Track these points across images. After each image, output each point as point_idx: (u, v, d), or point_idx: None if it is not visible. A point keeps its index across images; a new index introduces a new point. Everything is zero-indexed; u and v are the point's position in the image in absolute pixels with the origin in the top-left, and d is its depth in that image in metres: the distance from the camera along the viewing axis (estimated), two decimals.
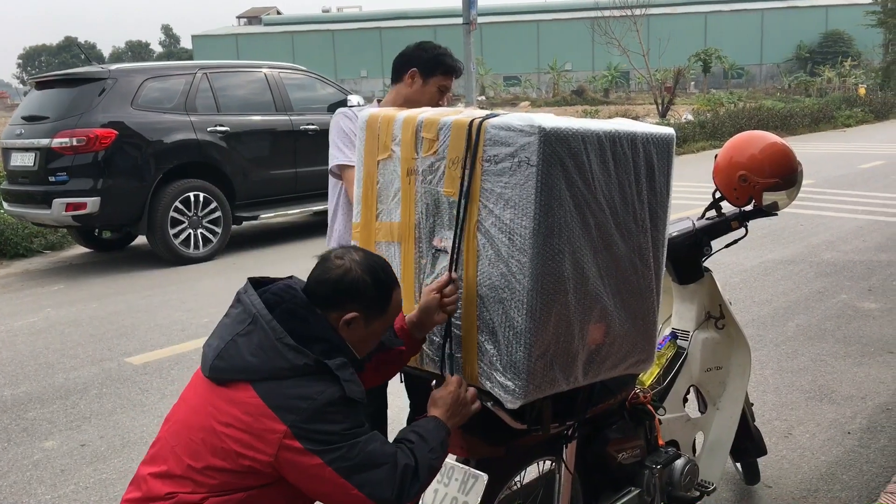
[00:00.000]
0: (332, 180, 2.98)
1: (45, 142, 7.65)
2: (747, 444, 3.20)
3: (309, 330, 1.81)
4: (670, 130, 2.19)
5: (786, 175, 2.81)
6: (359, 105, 8.56)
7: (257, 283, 1.96)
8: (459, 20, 15.65)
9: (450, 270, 2.03)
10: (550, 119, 1.90)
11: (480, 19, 15.97)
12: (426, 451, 1.87)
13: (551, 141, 1.86)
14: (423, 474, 1.84)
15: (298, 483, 1.76)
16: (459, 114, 2.06)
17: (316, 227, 9.89)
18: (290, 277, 1.98)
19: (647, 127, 2.15)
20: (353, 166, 2.69)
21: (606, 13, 26.54)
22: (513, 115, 1.95)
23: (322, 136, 9.07)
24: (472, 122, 1.96)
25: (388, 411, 3.07)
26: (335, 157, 2.90)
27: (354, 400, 1.78)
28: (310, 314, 1.84)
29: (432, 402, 2.02)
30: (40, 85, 8.52)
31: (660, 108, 24.08)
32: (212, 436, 1.76)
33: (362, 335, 1.91)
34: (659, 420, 2.68)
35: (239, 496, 1.75)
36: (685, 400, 2.95)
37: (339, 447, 1.74)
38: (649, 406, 2.62)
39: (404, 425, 2.14)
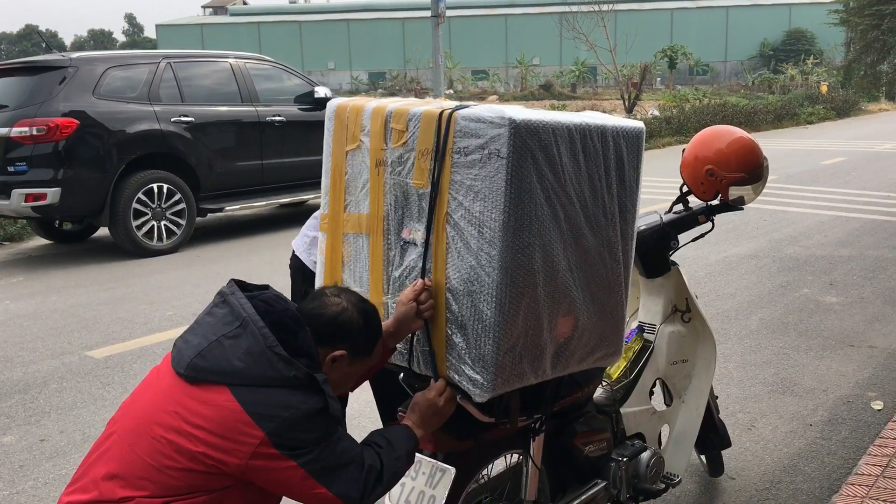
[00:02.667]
0: None
1: (3, 131, 7.46)
2: (712, 437, 3.23)
3: (297, 344, 1.79)
4: (640, 124, 2.19)
5: (752, 170, 2.83)
6: (326, 98, 8.40)
7: (239, 287, 1.91)
8: (428, 13, 15.62)
9: (423, 276, 2.01)
10: (521, 111, 1.89)
11: (448, 12, 15.95)
12: (392, 457, 1.90)
13: (522, 133, 1.85)
14: (386, 478, 1.88)
15: (266, 484, 1.76)
16: (429, 105, 2.04)
17: (282, 219, 9.81)
18: (268, 287, 1.95)
19: (618, 120, 2.14)
20: None
21: (574, 8, 26.65)
22: (483, 106, 1.94)
23: (289, 127, 9.08)
24: (441, 113, 1.94)
25: (351, 407, 3.05)
26: None
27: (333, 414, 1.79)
28: (299, 329, 1.81)
29: (411, 406, 2.05)
30: None
31: (626, 103, 24.29)
32: (178, 436, 1.71)
33: (344, 373, 1.91)
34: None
35: (202, 499, 1.71)
36: (651, 393, 2.97)
37: (313, 450, 1.75)
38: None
39: (366, 419, 2.13)
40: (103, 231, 8.69)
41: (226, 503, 1.75)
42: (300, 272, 2.90)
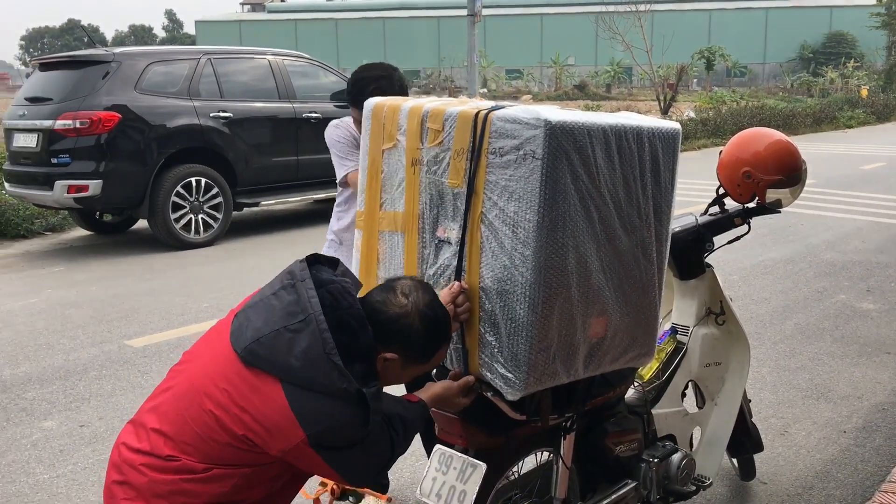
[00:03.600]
0: (341, 190, 3.04)
1: (47, 123, 7.64)
2: (744, 441, 3.22)
3: (357, 347, 1.79)
4: (676, 125, 2.19)
5: (790, 172, 2.81)
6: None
7: (310, 261, 1.92)
8: (464, 11, 15.60)
9: (457, 275, 2.03)
10: (556, 112, 1.90)
11: (484, 11, 15.90)
12: (402, 444, 1.96)
13: (557, 134, 1.86)
14: (391, 464, 1.96)
15: (295, 465, 1.84)
16: (465, 105, 2.06)
17: (317, 214, 9.88)
18: (337, 264, 1.97)
19: (653, 121, 2.14)
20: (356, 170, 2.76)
21: (611, 8, 26.47)
22: (519, 107, 1.95)
23: (324, 124, 9.06)
24: (477, 113, 1.96)
25: None
26: (340, 168, 2.97)
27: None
28: (361, 330, 1.81)
29: (439, 385, 2.08)
30: (44, 66, 8.50)
31: (662, 104, 24.05)
32: (225, 413, 1.76)
33: (395, 374, 1.93)
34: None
35: (244, 471, 1.79)
36: (683, 395, 2.96)
37: (345, 452, 1.82)
38: None
39: None
40: (142, 223, 8.84)
41: (268, 474, 1.83)
42: None
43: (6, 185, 8.57)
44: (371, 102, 2.28)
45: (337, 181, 3.03)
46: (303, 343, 1.75)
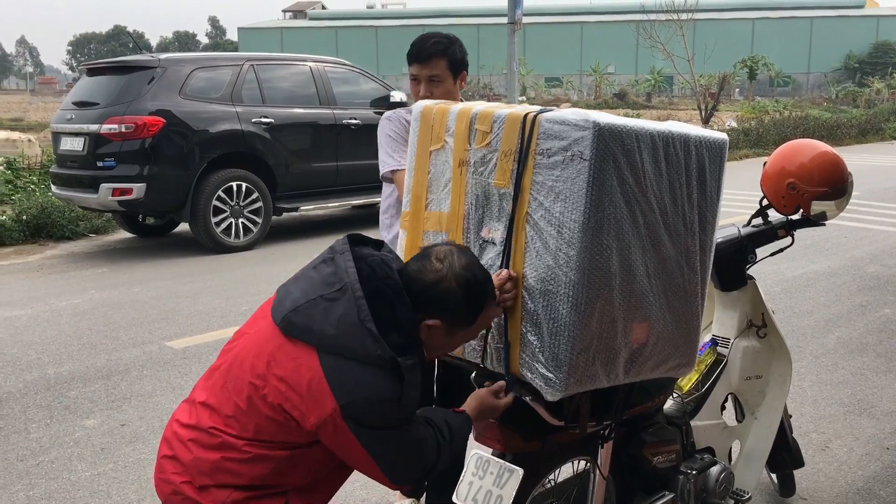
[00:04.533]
0: (385, 185, 3.00)
1: (94, 127, 7.80)
2: (784, 455, 3.17)
3: (393, 316, 1.78)
4: (724, 136, 2.18)
5: (835, 184, 2.77)
6: (401, 102, 8.53)
7: (354, 240, 1.92)
8: (503, 19, 15.61)
9: (507, 267, 2.03)
10: (605, 115, 1.91)
11: (524, 19, 15.86)
12: (449, 451, 1.94)
13: (605, 137, 1.86)
14: (438, 469, 1.93)
15: (331, 448, 1.82)
16: (513, 107, 2.07)
17: (356, 220, 9.96)
18: (382, 245, 1.97)
19: (701, 130, 2.14)
20: (404, 170, 2.75)
21: (652, 17, 26.29)
22: (567, 110, 1.96)
23: (364, 130, 9.21)
24: (526, 115, 1.98)
25: None
26: (385, 164, 2.90)
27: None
28: (398, 300, 1.80)
29: (473, 395, 2.08)
30: (91, 71, 8.68)
31: (703, 113, 23.80)
32: (264, 382, 1.78)
33: (440, 342, 1.92)
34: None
35: (283, 453, 1.80)
36: (723, 407, 2.93)
37: (380, 434, 1.78)
38: None
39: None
40: (183, 226, 8.98)
41: (308, 457, 1.83)
42: None
43: (53, 187, 8.77)
44: (420, 105, 2.30)
45: (380, 174, 2.94)
46: (339, 310, 1.76)
